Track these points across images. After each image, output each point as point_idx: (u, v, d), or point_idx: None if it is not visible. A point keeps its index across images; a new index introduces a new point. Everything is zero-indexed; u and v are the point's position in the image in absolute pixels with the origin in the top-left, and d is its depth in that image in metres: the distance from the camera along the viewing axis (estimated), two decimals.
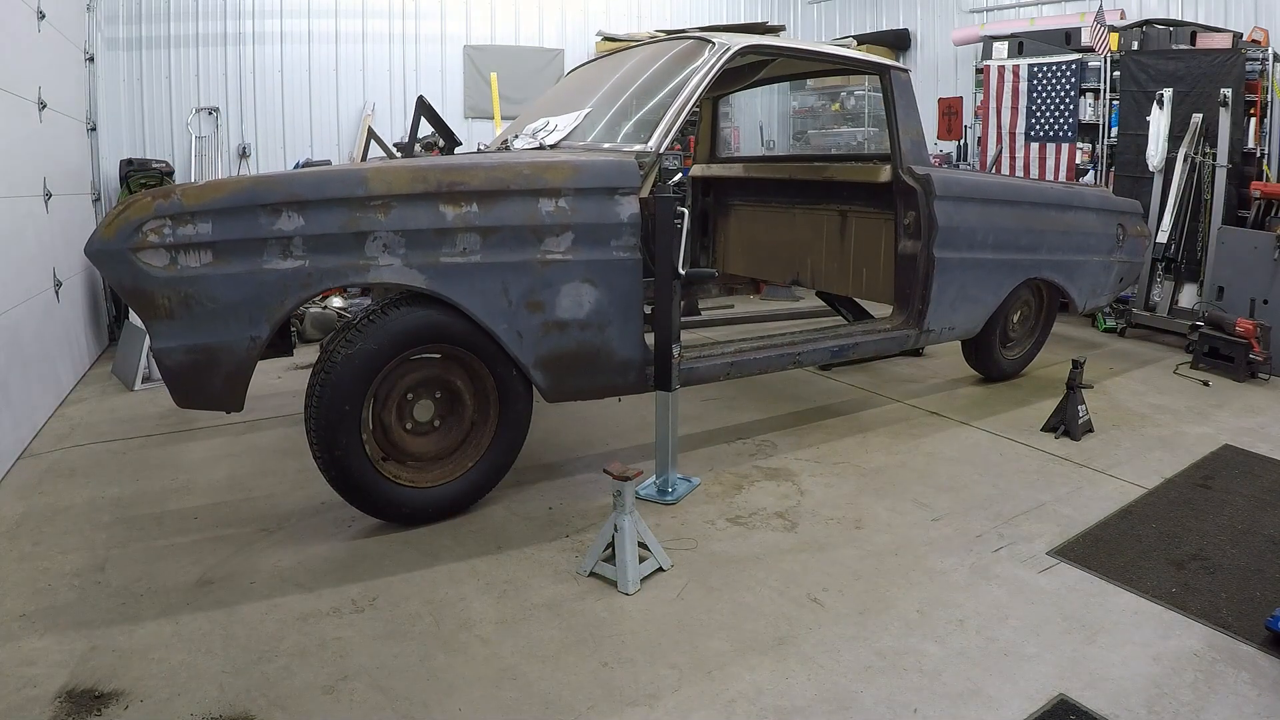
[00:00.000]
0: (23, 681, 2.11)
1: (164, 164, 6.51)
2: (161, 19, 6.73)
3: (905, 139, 3.98)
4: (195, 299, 2.44)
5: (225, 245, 2.45)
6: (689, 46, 3.57)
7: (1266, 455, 3.72)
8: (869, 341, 3.94)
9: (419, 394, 2.91)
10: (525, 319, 2.84)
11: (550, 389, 2.99)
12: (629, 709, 2.04)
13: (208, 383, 2.55)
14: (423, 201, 2.65)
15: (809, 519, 3.07)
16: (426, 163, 2.71)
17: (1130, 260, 5.17)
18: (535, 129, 3.55)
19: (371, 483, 2.82)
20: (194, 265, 2.43)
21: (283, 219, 2.49)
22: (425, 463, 2.97)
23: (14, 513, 3.10)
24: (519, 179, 2.77)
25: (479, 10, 7.92)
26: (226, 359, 2.53)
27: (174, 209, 2.39)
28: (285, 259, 2.51)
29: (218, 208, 2.43)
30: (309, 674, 2.16)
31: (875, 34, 8.95)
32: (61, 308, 4.57)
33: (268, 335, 2.55)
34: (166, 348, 2.47)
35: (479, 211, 2.73)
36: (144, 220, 2.37)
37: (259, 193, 2.47)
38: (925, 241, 3.94)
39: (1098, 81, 6.69)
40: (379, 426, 2.86)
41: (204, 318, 2.47)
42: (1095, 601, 2.53)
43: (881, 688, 2.12)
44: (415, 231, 2.64)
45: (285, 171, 2.54)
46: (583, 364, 3.00)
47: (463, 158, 2.84)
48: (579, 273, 2.88)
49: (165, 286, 2.41)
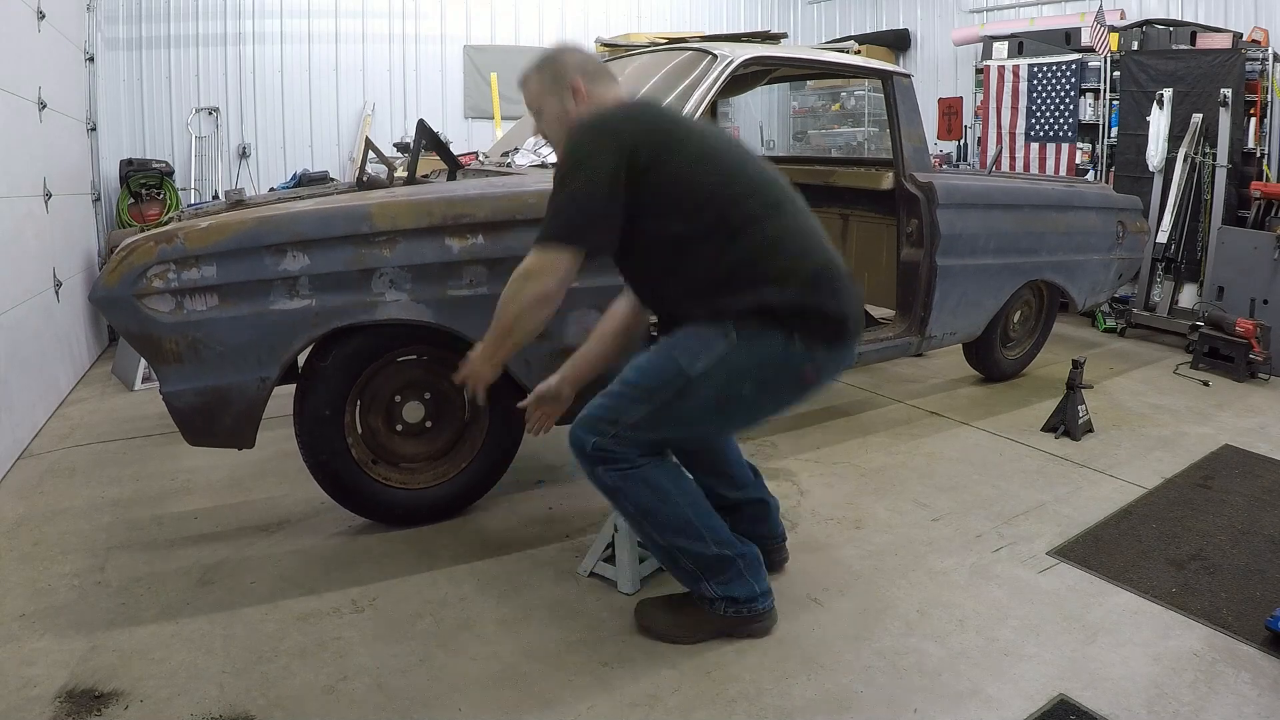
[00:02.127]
0: (23, 681, 2.11)
1: (164, 164, 6.51)
2: (161, 19, 6.73)
3: (908, 145, 3.96)
4: (203, 343, 2.44)
5: (231, 288, 2.43)
6: (690, 58, 3.54)
7: (1266, 455, 3.72)
8: (871, 350, 3.93)
9: (408, 396, 2.91)
10: (533, 348, 2.80)
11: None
12: (629, 709, 2.04)
13: (219, 423, 2.56)
14: (428, 236, 2.63)
15: (809, 519, 3.07)
16: (431, 196, 2.68)
17: (1130, 256, 5.17)
18: (536, 142, 3.52)
19: (362, 486, 2.82)
20: (200, 309, 2.42)
21: (287, 259, 2.47)
22: (418, 465, 2.97)
23: (14, 513, 3.10)
24: (525, 209, 2.74)
25: (479, 10, 7.93)
26: (237, 400, 2.53)
27: (178, 253, 2.38)
28: (292, 299, 2.50)
29: (222, 250, 2.41)
30: (309, 674, 2.16)
31: (875, 34, 8.94)
32: (61, 308, 4.57)
33: (277, 375, 2.55)
34: (176, 391, 2.47)
35: (485, 243, 2.70)
36: (148, 266, 2.36)
37: (262, 233, 2.45)
38: (928, 249, 3.93)
39: (1098, 81, 6.69)
40: (367, 430, 2.86)
41: (213, 361, 2.46)
42: (1095, 601, 2.53)
43: (881, 688, 2.12)
44: (421, 266, 2.62)
45: (288, 210, 2.53)
46: (591, 387, 2.99)
47: (468, 187, 2.81)
48: (586, 300, 2.85)
49: (172, 331, 2.40)
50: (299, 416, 2.71)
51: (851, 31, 9.36)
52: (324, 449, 2.72)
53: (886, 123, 4.12)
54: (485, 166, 3.67)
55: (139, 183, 6.29)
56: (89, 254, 5.47)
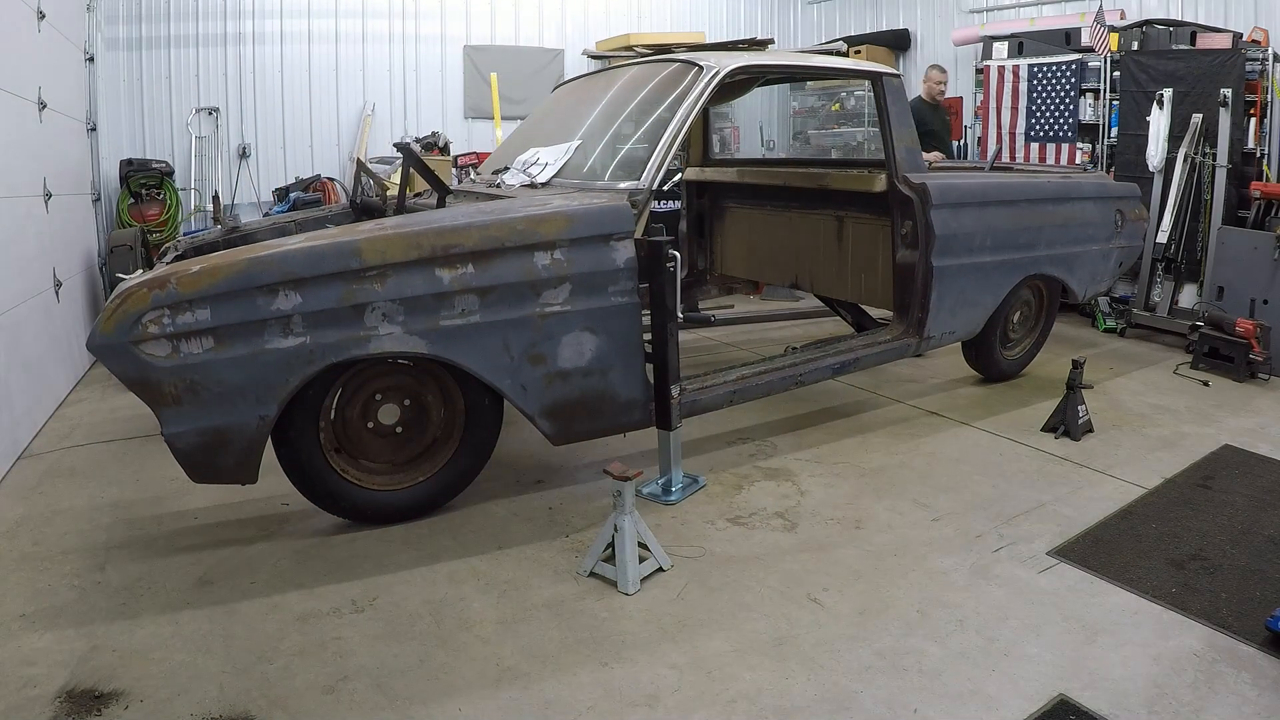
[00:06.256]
0: (23, 681, 2.11)
1: (164, 164, 6.51)
2: (161, 19, 6.73)
3: (900, 147, 3.93)
4: (201, 385, 2.46)
5: (225, 330, 2.46)
6: (678, 69, 3.54)
7: (1266, 455, 3.72)
8: (870, 355, 3.93)
9: (388, 397, 2.92)
10: (529, 372, 2.83)
11: (556, 434, 2.99)
12: (629, 709, 2.04)
13: (221, 461, 2.58)
14: (418, 268, 2.64)
15: (809, 519, 3.07)
16: (419, 227, 2.69)
17: (1129, 245, 5.15)
18: (525, 162, 3.52)
19: (317, 469, 2.82)
20: (196, 352, 2.44)
21: (280, 298, 2.50)
22: (378, 465, 2.97)
23: (14, 513, 3.10)
24: (514, 235, 2.75)
25: (479, 10, 7.92)
26: (237, 438, 2.56)
27: (171, 298, 2.40)
28: (286, 337, 2.52)
29: (215, 293, 2.43)
30: (309, 674, 2.16)
31: (875, 34, 8.94)
32: (61, 308, 4.57)
33: (276, 413, 2.57)
34: (177, 432, 2.49)
35: (475, 272, 2.71)
36: (142, 312, 2.38)
37: (254, 274, 2.47)
38: (923, 251, 3.92)
39: (1098, 82, 6.68)
40: (340, 418, 2.87)
41: (211, 402, 2.49)
42: (1095, 602, 2.53)
43: (881, 688, 2.12)
44: (413, 298, 2.64)
45: (278, 249, 2.54)
46: (587, 409, 3.00)
47: (456, 215, 2.81)
48: (579, 322, 2.87)
49: (170, 375, 2.43)
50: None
51: (852, 31, 9.36)
52: (294, 424, 2.72)
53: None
54: (475, 188, 3.68)
55: (139, 183, 6.29)
56: (89, 254, 5.47)
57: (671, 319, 3.01)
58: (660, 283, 2.96)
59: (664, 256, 2.95)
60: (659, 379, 3.07)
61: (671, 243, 3.00)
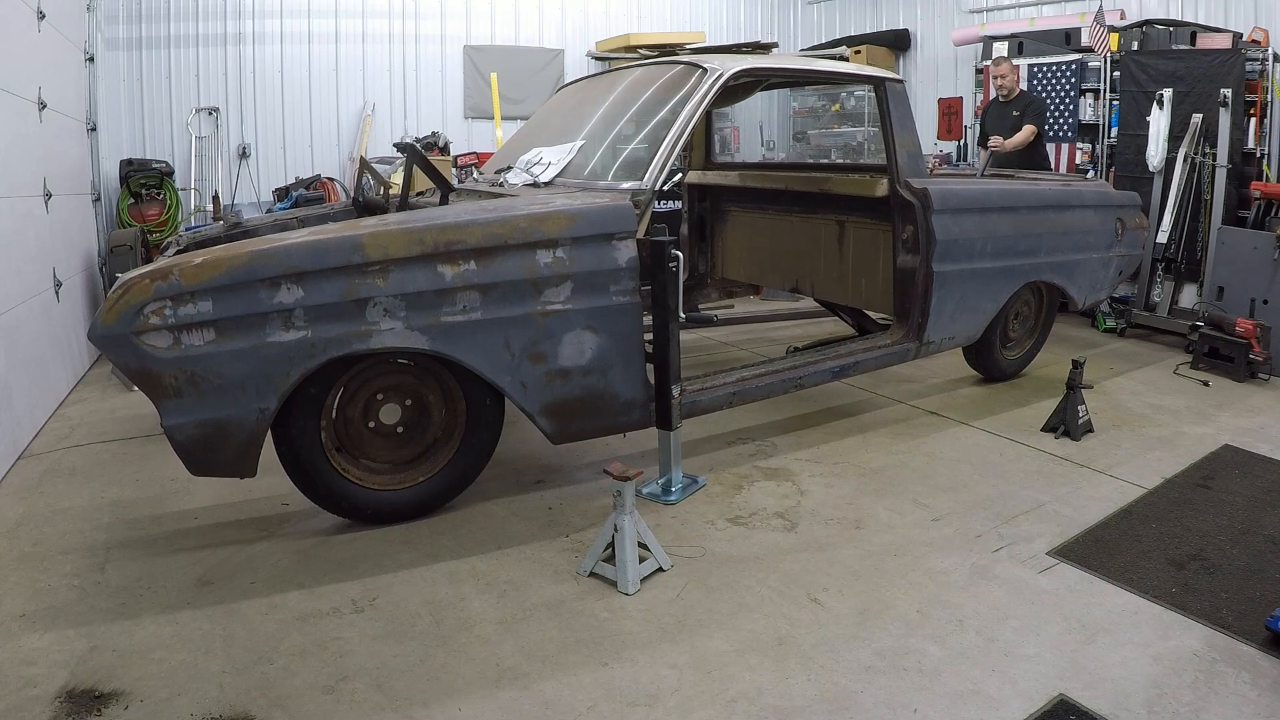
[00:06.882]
0: (23, 681, 2.11)
1: (164, 164, 6.51)
2: (161, 19, 6.73)
3: (901, 151, 3.93)
4: (201, 376, 2.47)
5: (227, 322, 2.46)
6: (682, 71, 3.54)
7: (1266, 455, 3.72)
8: (869, 359, 3.93)
9: (390, 397, 2.92)
10: (529, 370, 2.83)
11: (556, 433, 2.99)
12: (629, 709, 2.04)
13: (220, 454, 2.59)
14: (420, 263, 2.64)
15: (809, 519, 3.07)
16: (422, 223, 2.69)
17: (1129, 253, 5.16)
18: (529, 161, 3.52)
19: (318, 468, 2.82)
20: (198, 344, 2.44)
21: (282, 291, 2.50)
22: (379, 464, 2.97)
23: (14, 513, 3.10)
24: (516, 233, 2.76)
25: (479, 10, 7.92)
26: (237, 431, 2.56)
27: (173, 290, 2.40)
28: (288, 331, 2.52)
29: (217, 285, 2.44)
30: (309, 674, 2.16)
31: (875, 34, 8.94)
32: (61, 308, 4.57)
33: (275, 406, 2.57)
34: (176, 424, 2.50)
35: (477, 269, 2.71)
36: (144, 303, 2.39)
37: (257, 267, 2.47)
38: (924, 256, 3.92)
39: (1098, 81, 6.69)
40: (341, 417, 2.87)
41: (211, 394, 2.49)
42: (1095, 602, 2.53)
43: (881, 688, 2.12)
44: (415, 294, 2.64)
45: (281, 243, 2.54)
46: (587, 408, 3.00)
47: (459, 212, 2.81)
48: (580, 321, 2.87)
49: (171, 366, 2.43)
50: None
51: (852, 31, 9.36)
52: (295, 422, 2.72)
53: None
54: (478, 186, 3.67)
55: (139, 183, 6.28)
56: (89, 254, 5.47)
57: (673, 319, 3.01)
58: (662, 282, 2.97)
59: (666, 256, 2.95)
60: (660, 379, 3.07)
61: (674, 242, 3.00)
